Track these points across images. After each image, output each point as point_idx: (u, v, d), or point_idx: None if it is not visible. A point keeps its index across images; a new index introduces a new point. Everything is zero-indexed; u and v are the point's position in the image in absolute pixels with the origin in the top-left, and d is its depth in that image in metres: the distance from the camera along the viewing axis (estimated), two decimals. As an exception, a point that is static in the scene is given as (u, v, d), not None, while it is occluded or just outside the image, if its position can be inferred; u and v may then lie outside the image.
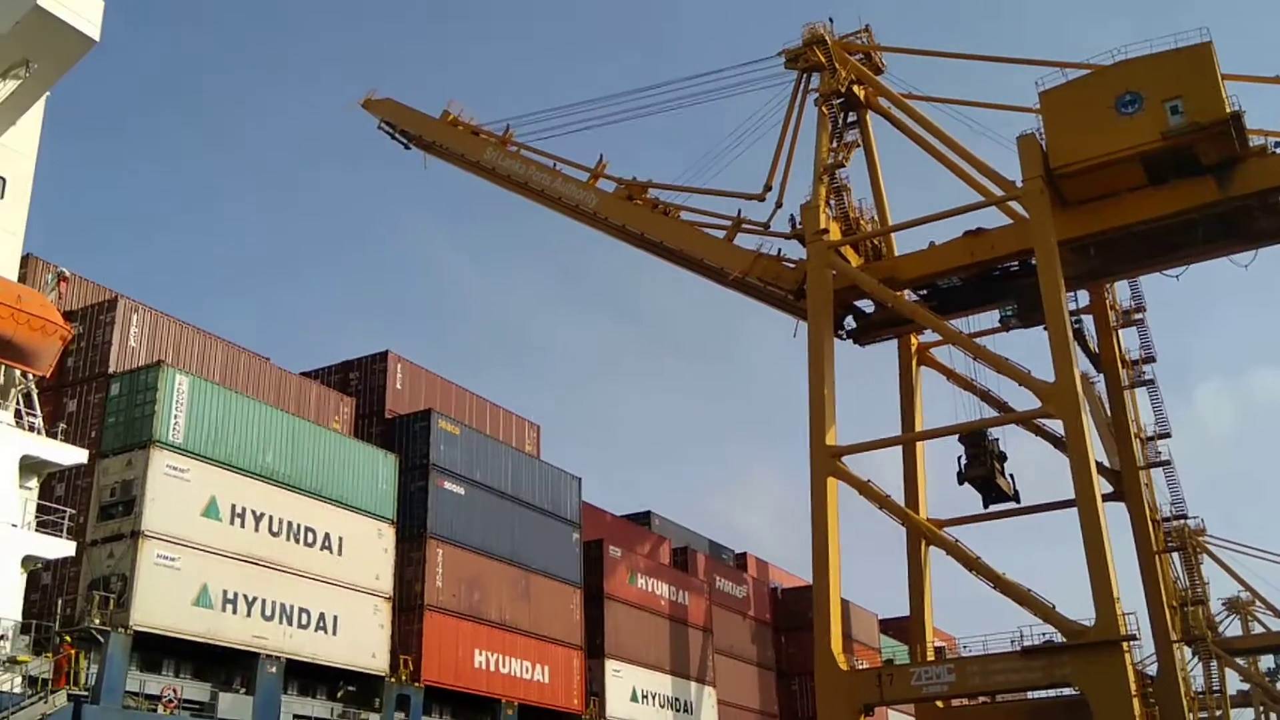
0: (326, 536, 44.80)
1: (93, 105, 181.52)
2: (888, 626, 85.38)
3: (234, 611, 40.24)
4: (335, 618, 44.16)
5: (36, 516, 36.76)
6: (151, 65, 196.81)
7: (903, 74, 65.30)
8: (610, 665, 59.57)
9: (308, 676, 43.77)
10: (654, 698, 62.56)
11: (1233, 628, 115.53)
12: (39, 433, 37.49)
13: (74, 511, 38.21)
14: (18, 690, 33.70)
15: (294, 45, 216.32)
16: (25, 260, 41.51)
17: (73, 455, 37.86)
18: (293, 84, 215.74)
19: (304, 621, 42.86)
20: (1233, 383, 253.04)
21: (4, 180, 40.20)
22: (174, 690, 38.55)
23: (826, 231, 60.18)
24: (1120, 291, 74.29)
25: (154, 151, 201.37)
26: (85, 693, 34.90)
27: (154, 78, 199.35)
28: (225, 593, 40.07)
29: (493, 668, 51.45)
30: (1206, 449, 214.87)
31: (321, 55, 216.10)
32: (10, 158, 40.57)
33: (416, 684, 46.98)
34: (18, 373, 37.83)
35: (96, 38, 39.58)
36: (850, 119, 65.44)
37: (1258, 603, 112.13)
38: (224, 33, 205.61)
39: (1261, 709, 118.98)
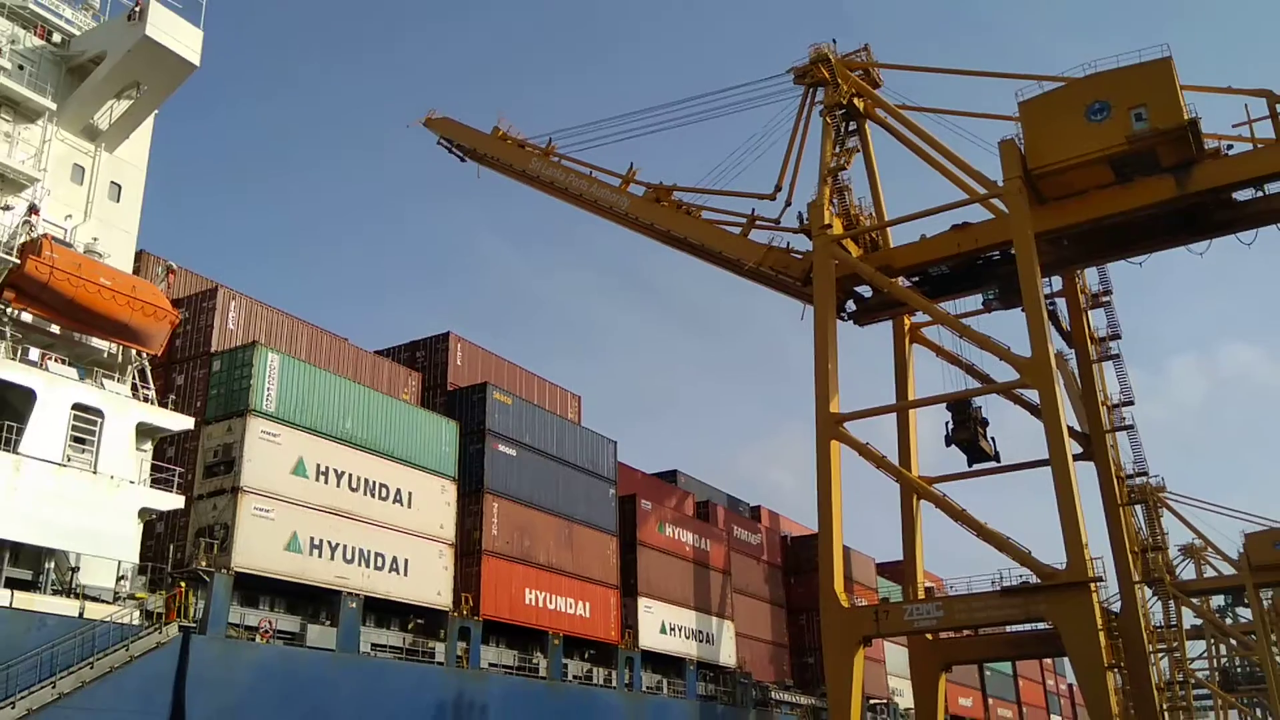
0: (398, 491, 45.24)
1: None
2: (884, 569, 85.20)
3: (319, 555, 40.78)
4: (406, 561, 44.64)
5: (151, 474, 37.37)
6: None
7: (897, 87, 64.58)
8: (642, 602, 59.86)
9: (382, 611, 44.33)
10: (680, 630, 62.83)
11: (1188, 571, 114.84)
12: (152, 403, 38.08)
13: (183, 470, 38.84)
14: (136, 622, 34.30)
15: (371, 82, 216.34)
16: (138, 256, 42.06)
17: (181, 422, 38.44)
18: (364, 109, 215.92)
19: (379, 564, 43.37)
20: (1203, 356, 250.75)
21: (120, 187, 40.69)
22: (269, 622, 39.18)
23: (830, 226, 59.65)
24: (1090, 277, 73.45)
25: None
26: (194, 624, 35.55)
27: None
28: (312, 539, 40.62)
29: (541, 604, 51.82)
30: (1178, 415, 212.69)
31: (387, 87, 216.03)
32: (125, 168, 41.07)
33: (476, 618, 47.44)
34: (134, 352, 38.41)
35: (197, 63, 39.95)
36: (851, 128, 64.62)
37: (1210, 549, 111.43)
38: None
39: (1212, 640, 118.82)
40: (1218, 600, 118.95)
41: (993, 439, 61.55)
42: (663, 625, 61.31)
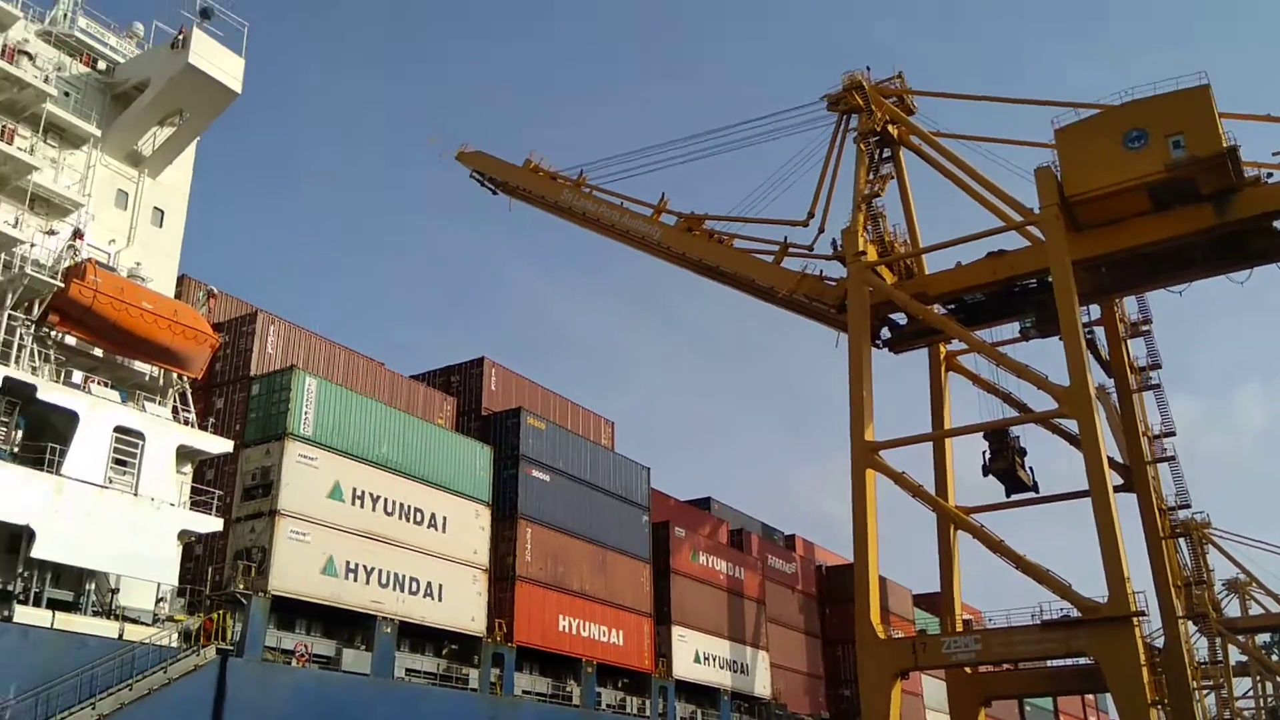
0: (432, 516, 45.32)
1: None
2: (920, 601, 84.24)
3: (355, 579, 40.87)
4: (440, 586, 44.65)
5: (191, 497, 37.71)
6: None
7: (931, 114, 64.76)
8: (676, 631, 59.49)
9: (417, 636, 44.29)
10: (714, 659, 62.36)
11: (1232, 607, 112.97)
12: (193, 426, 38.44)
13: (222, 493, 39.04)
14: (175, 644, 34.54)
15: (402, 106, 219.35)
16: (180, 280, 42.63)
17: (221, 445, 38.76)
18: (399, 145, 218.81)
19: (414, 589, 43.41)
20: (1269, 386, 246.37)
21: (162, 213, 41.47)
22: (305, 646, 39.27)
23: (864, 253, 59.78)
24: (1129, 305, 72.91)
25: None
26: (231, 647, 35.67)
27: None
28: (348, 563, 40.75)
29: (575, 631, 51.66)
30: (1241, 446, 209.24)
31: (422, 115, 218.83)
32: (168, 194, 41.88)
33: (509, 644, 47.34)
34: (175, 375, 38.90)
35: (238, 90, 40.74)
36: (885, 154, 64.86)
37: (1255, 585, 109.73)
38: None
39: (1258, 678, 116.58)
40: (1263, 637, 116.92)
41: (1031, 469, 61.11)
42: (697, 654, 60.90)
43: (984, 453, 60.39)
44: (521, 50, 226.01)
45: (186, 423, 38.33)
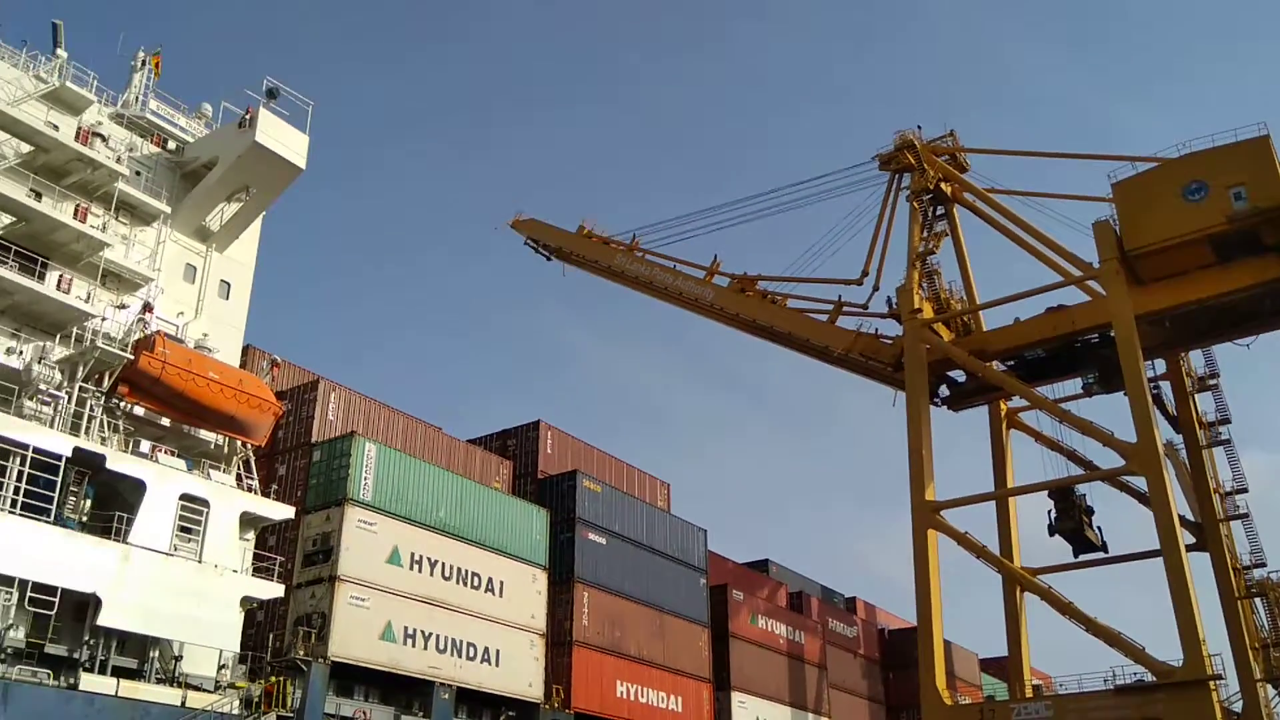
0: (489, 580, 45.39)
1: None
2: (987, 665, 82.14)
3: (413, 645, 40.97)
4: (497, 651, 44.58)
5: (253, 563, 38.16)
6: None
7: (985, 170, 64.57)
8: (736, 696, 58.57)
9: (474, 702, 44.15)
10: (775, 727, 61.22)
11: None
12: (256, 493, 39.05)
13: (283, 559, 39.43)
14: (236, 711, 34.76)
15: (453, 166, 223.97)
16: (245, 350, 43.67)
17: (283, 511, 39.28)
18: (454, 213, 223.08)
19: (471, 654, 43.38)
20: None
21: (229, 285, 42.65)
22: (364, 713, 39.30)
23: (920, 311, 59.45)
24: (1195, 360, 71.32)
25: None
26: (291, 714, 35.80)
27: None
28: (406, 628, 40.88)
29: (633, 697, 51.11)
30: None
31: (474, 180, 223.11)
32: (234, 267, 43.09)
33: (567, 710, 46.94)
34: (239, 443, 39.66)
35: (303, 166, 42.03)
36: (939, 212, 64.74)
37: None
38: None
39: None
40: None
41: (1099, 528, 59.71)
42: (757, 721, 59.82)
43: (1049, 512, 59.17)
44: (581, 129, 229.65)
45: (250, 490, 38.97)
